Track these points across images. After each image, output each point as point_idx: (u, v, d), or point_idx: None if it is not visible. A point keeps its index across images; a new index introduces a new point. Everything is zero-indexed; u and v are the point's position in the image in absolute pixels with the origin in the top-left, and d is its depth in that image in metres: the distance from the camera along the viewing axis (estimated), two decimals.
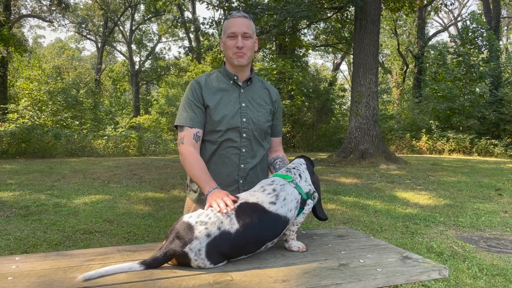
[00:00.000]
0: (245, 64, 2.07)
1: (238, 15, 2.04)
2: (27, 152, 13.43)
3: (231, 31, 2.03)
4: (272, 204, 1.68)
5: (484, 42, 20.01)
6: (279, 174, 1.85)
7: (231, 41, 2.03)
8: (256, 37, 2.13)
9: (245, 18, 2.05)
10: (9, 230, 4.62)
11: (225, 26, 2.07)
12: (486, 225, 5.23)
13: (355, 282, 1.46)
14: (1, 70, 19.17)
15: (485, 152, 16.38)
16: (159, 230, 4.82)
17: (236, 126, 2.04)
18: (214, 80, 2.11)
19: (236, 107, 2.06)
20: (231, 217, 1.59)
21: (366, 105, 11.48)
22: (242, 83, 2.12)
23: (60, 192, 6.86)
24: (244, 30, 2.02)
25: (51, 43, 47.61)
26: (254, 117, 2.08)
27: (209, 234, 1.55)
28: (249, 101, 2.10)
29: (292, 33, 15.43)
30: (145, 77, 36.69)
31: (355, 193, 7.14)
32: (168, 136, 20.20)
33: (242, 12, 2.08)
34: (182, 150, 2.00)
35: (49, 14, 27.56)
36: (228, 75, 2.11)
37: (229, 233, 1.57)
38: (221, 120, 2.02)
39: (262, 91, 2.19)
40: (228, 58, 2.08)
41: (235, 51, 2.02)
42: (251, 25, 2.07)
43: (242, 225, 1.59)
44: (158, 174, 9.08)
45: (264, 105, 2.15)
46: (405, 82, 31.35)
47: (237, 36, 2.02)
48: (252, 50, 2.08)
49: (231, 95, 2.08)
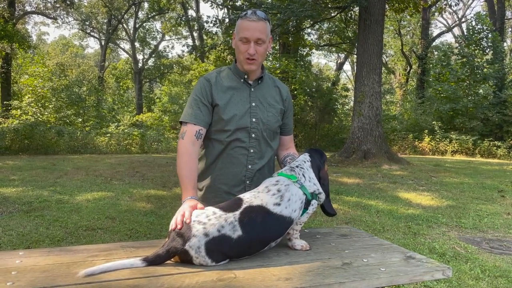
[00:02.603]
0: (254, 70, 2.02)
1: (253, 19, 1.93)
2: (30, 149, 13.46)
3: (244, 35, 1.94)
4: (276, 205, 1.66)
5: (488, 43, 19.94)
6: (283, 173, 1.81)
7: (243, 45, 1.95)
8: (270, 36, 2.03)
9: (260, 21, 1.93)
10: (11, 226, 4.63)
11: (239, 26, 1.97)
12: (488, 226, 5.22)
13: (358, 281, 1.45)
14: (5, 66, 19.23)
15: (488, 154, 16.33)
16: (161, 227, 4.82)
17: (245, 126, 2.00)
18: (224, 78, 2.05)
19: (246, 106, 2.02)
20: (234, 224, 1.58)
21: (369, 105, 11.46)
22: (253, 82, 2.07)
23: (63, 188, 6.88)
24: (258, 35, 1.93)
25: (55, 40, 47.71)
26: (264, 117, 2.04)
27: (207, 233, 1.54)
28: (259, 100, 2.06)
29: (296, 32, 15.44)
30: (148, 75, 36.69)
31: (357, 193, 7.13)
32: (171, 134, 20.20)
33: (259, 12, 1.96)
34: (179, 145, 1.97)
35: (53, 11, 27.63)
36: (238, 73, 2.06)
37: (230, 237, 1.56)
38: (230, 120, 1.98)
39: (272, 89, 2.14)
40: (239, 60, 2.02)
41: (246, 56, 1.95)
42: (266, 29, 1.96)
43: (245, 231, 1.58)
44: (160, 172, 9.09)
45: (274, 104, 2.10)
46: (408, 82, 31.27)
47: (250, 42, 1.93)
48: (264, 56, 2.00)
49: (241, 94, 2.03)
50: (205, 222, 1.57)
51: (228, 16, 14.55)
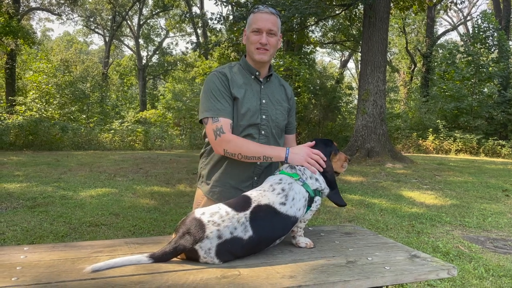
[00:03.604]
0: (266, 61, 2.03)
1: (265, 11, 1.99)
2: (34, 144, 13.52)
3: (256, 26, 1.98)
4: (282, 205, 1.66)
5: (494, 42, 19.82)
6: (284, 171, 1.80)
7: (255, 36, 1.99)
8: (280, 33, 2.07)
9: (272, 15, 1.99)
10: (16, 221, 4.65)
11: (251, 20, 2.02)
12: (492, 225, 5.20)
13: (363, 279, 1.45)
14: (9, 62, 19.30)
15: (492, 153, 16.25)
16: (164, 224, 4.83)
17: (256, 123, 2.01)
18: (236, 74, 2.06)
19: (257, 103, 2.03)
20: (246, 225, 1.58)
21: (373, 103, 11.41)
22: (263, 79, 2.09)
23: (67, 184, 6.90)
24: (270, 26, 1.97)
25: (59, 36, 47.80)
26: (273, 115, 2.06)
27: (221, 236, 1.53)
28: (269, 97, 2.08)
29: (300, 29, 15.38)
30: (152, 72, 36.75)
31: (360, 191, 7.11)
32: (174, 131, 20.23)
33: (270, 7, 2.02)
34: (225, 138, 1.89)
35: (58, 7, 27.67)
36: (249, 69, 2.07)
37: (241, 239, 1.56)
38: (245, 114, 1.99)
39: (279, 88, 2.16)
40: (250, 52, 2.04)
41: (258, 46, 1.98)
42: (277, 22, 2.02)
43: (256, 231, 1.58)
44: (164, 169, 9.10)
45: (282, 102, 2.13)
46: (413, 81, 31.15)
47: (262, 32, 1.97)
48: (275, 48, 2.03)
49: (253, 90, 2.05)
50: (219, 223, 1.55)
51: (233, 13, 14.53)
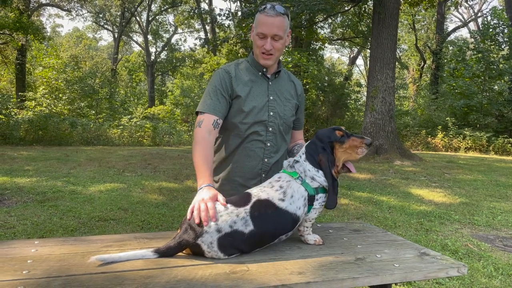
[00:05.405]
0: (270, 65, 2.02)
1: (272, 13, 1.90)
2: (44, 140, 13.64)
3: (261, 31, 1.92)
4: (281, 200, 1.66)
5: (505, 39, 19.57)
6: (285, 170, 1.79)
7: (260, 40, 1.95)
8: (289, 30, 2.01)
9: (279, 16, 1.91)
10: (26, 215, 4.70)
11: (257, 20, 1.96)
12: (502, 224, 5.15)
13: (372, 276, 1.44)
14: (19, 58, 19.46)
15: (502, 151, 16.08)
16: (172, 219, 4.85)
17: (263, 120, 2.00)
18: (243, 71, 2.05)
19: (264, 100, 2.02)
20: (246, 219, 1.58)
21: (382, 100, 11.35)
22: (271, 75, 2.07)
23: (76, 179, 6.96)
24: (275, 31, 1.91)
25: (69, 32, 48.12)
26: (281, 111, 2.05)
27: (220, 229, 1.54)
28: (276, 94, 2.06)
29: (309, 26, 15.31)
30: (160, 68, 36.83)
31: (369, 189, 7.08)
32: (182, 127, 20.29)
33: (278, 6, 1.92)
34: (196, 133, 1.91)
35: (68, 3, 27.82)
36: (257, 66, 2.05)
37: (242, 232, 1.56)
38: (250, 112, 1.98)
39: (288, 84, 2.14)
40: (255, 54, 2.02)
41: (262, 51, 1.95)
42: (284, 24, 1.93)
43: (257, 225, 1.58)
44: (172, 164, 9.14)
45: (290, 99, 2.11)
46: (422, 78, 30.89)
47: (267, 37, 1.92)
48: (280, 51, 1.99)
49: (260, 87, 2.04)
50: (216, 218, 1.56)
51: (241, 9, 14.49)
